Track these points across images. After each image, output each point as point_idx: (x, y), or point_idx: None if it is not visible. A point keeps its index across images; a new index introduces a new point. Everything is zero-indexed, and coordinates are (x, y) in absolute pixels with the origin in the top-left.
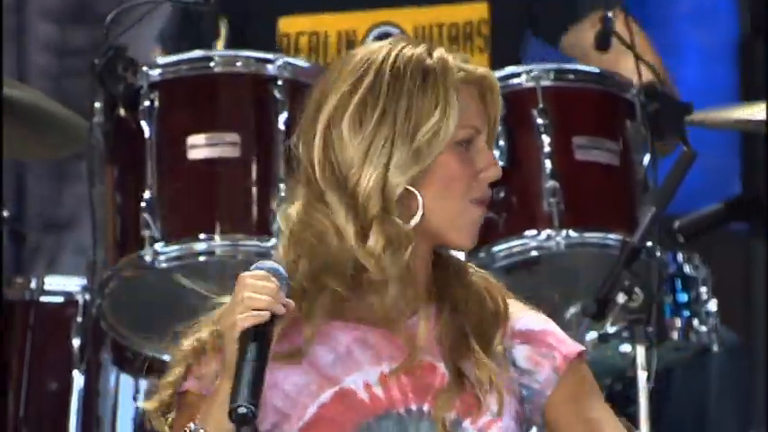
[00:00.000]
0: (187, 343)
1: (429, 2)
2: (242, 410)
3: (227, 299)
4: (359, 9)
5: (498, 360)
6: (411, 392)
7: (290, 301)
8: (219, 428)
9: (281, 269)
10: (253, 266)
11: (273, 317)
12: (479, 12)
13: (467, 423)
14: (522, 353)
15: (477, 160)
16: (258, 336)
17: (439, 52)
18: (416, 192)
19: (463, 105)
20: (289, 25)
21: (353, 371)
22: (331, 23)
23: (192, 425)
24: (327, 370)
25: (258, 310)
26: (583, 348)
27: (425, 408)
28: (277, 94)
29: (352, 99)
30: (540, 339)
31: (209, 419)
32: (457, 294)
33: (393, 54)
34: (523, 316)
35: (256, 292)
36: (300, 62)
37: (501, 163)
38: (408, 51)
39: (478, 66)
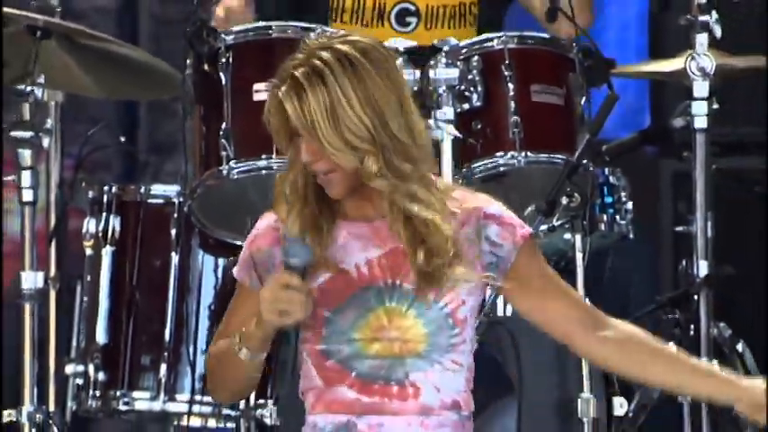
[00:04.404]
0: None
1: None
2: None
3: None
4: None
5: (463, 248)
6: (389, 271)
7: (310, 306)
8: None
9: (308, 250)
10: (285, 247)
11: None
12: None
13: (431, 293)
14: (493, 230)
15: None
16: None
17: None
18: None
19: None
20: None
21: (348, 256)
22: None
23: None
24: (331, 257)
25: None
26: (531, 231)
27: (398, 282)
28: None
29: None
30: (506, 222)
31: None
32: (420, 209)
33: None
34: (493, 204)
35: (286, 302)
36: (333, 31)
37: (478, 103)
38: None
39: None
